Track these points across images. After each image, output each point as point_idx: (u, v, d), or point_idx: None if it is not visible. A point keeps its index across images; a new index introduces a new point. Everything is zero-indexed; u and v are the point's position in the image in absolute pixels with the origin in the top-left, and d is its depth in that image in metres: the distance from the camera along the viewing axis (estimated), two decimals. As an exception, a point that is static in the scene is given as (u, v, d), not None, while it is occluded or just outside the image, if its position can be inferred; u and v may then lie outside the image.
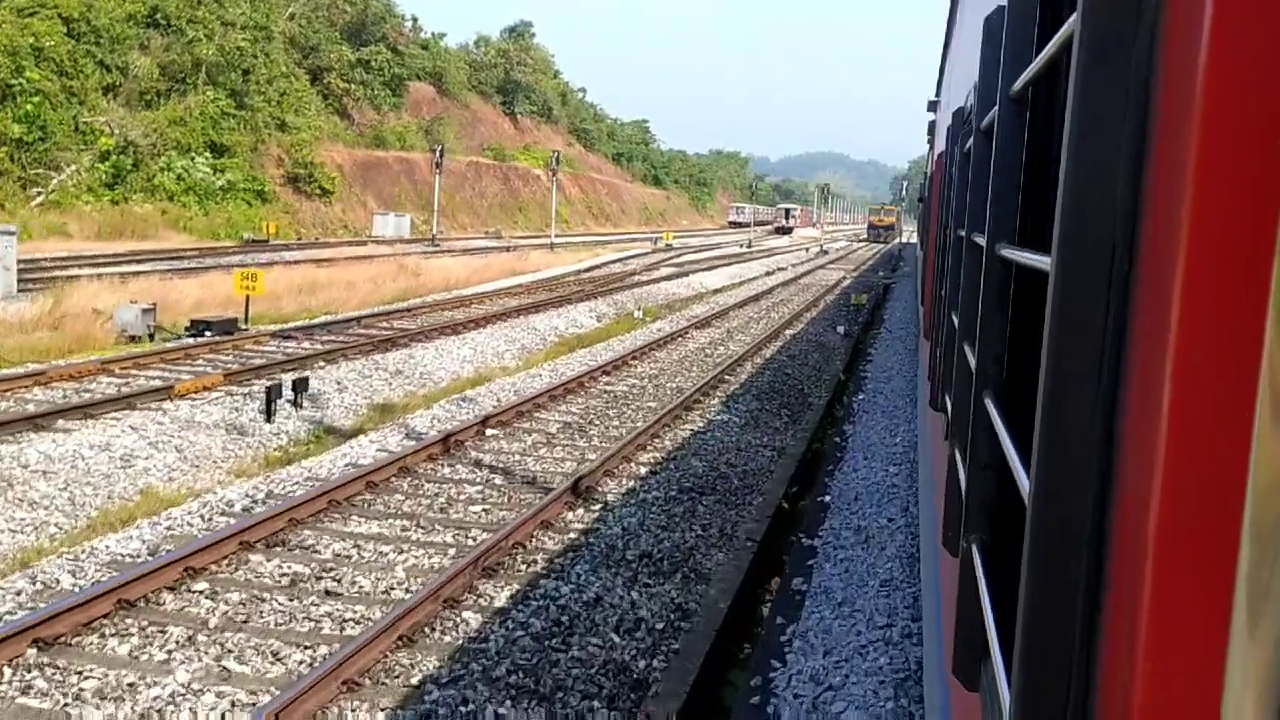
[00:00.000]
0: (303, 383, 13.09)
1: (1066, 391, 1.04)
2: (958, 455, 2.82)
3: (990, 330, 2.23)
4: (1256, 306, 0.63)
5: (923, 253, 18.04)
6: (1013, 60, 2.04)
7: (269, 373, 14.48)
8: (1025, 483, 1.25)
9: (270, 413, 12.45)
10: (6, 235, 20.23)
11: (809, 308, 29.74)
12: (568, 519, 9.18)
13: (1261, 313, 0.58)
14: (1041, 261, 1.32)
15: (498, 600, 7.30)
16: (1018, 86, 1.96)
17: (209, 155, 46.42)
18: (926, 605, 5.25)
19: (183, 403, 12.42)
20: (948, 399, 3.56)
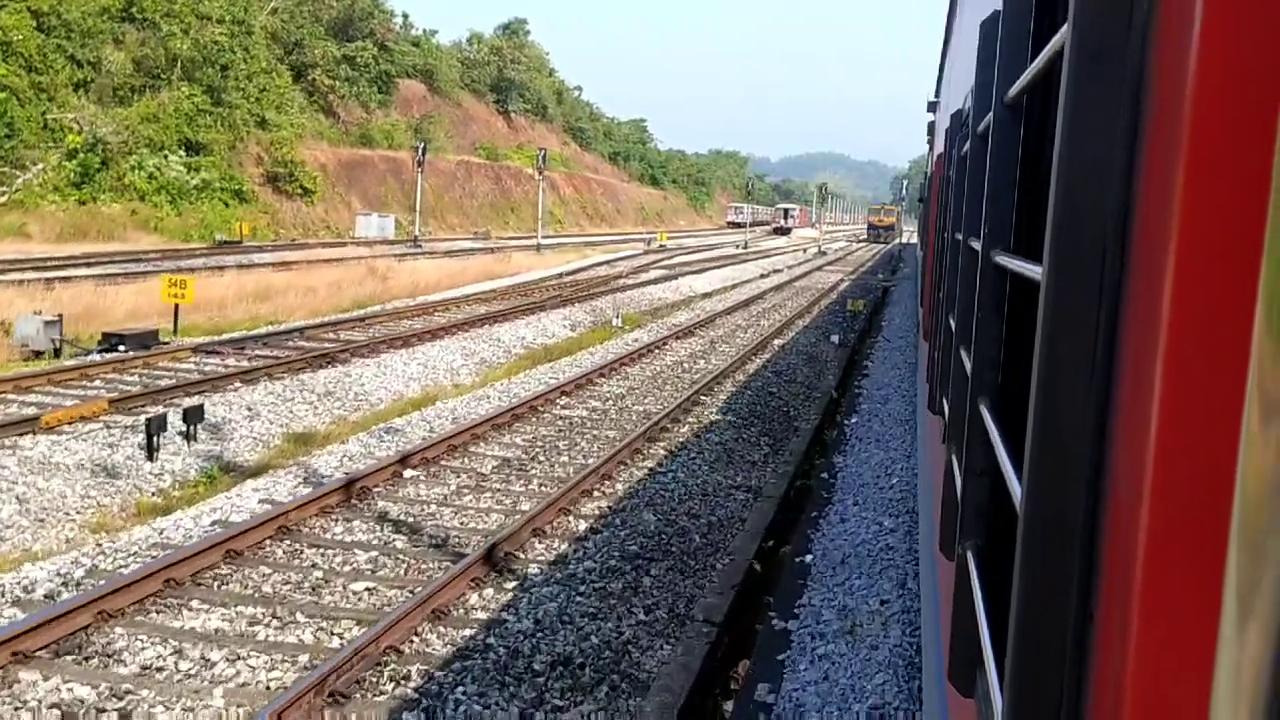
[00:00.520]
0: (196, 412, 11.07)
1: (1058, 398, 1.05)
2: (954, 459, 2.79)
3: (985, 336, 2.22)
4: (1245, 313, 0.62)
5: (922, 253, 17.75)
6: (1008, 67, 2.05)
7: (170, 397, 12.48)
8: (1018, 490, 1.28)
9: (153, 449, 10.45)
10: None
11: (802, 314, 27.71)
12: (470, 605, 7.15)
13: (1250, 319, 0.57)
14: (1033, 270, 1.36)
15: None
16: (1012, 93, 1.96)
17: (183, 153, 44.40)
18: (925, 610, 5.05)
19: (46, 438, 10.42)
20: (945, 403, 3.57)
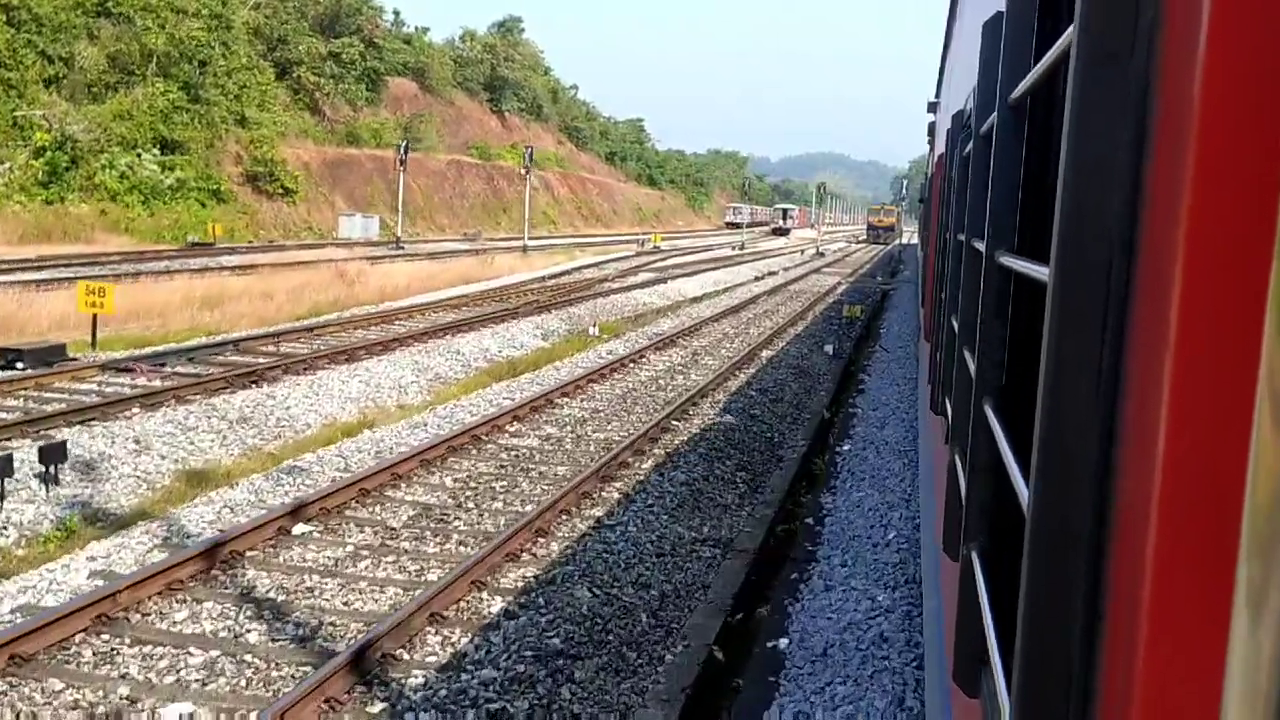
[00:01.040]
0: (55, 451, 9.18)
1: (1065, 399, 1.04)
2: (957, 460, 2.78)
3: (990, 336, 2.21)
4: (1254, 314, 0.62)
5: (923, 254, 17.43)
6: (1011, 67, 2.03)
7: (44, 427, 10.60)
8: (1024, 489, 1.25)
9: (-3, 496, 8.58)
10: None
11: (795, 320, 25.79)
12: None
13: (1259, 320, 0.57)
14: (1040, 271, 1.33)
15: None
16: (1016, 94, 1.94)
17: (157, 152, 42.52)
18: (927, 610, 4.81)
19: None
20: (948, 403, 3.55)
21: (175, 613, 6.67)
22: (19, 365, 13.46)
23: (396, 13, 72.88)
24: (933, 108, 14.81)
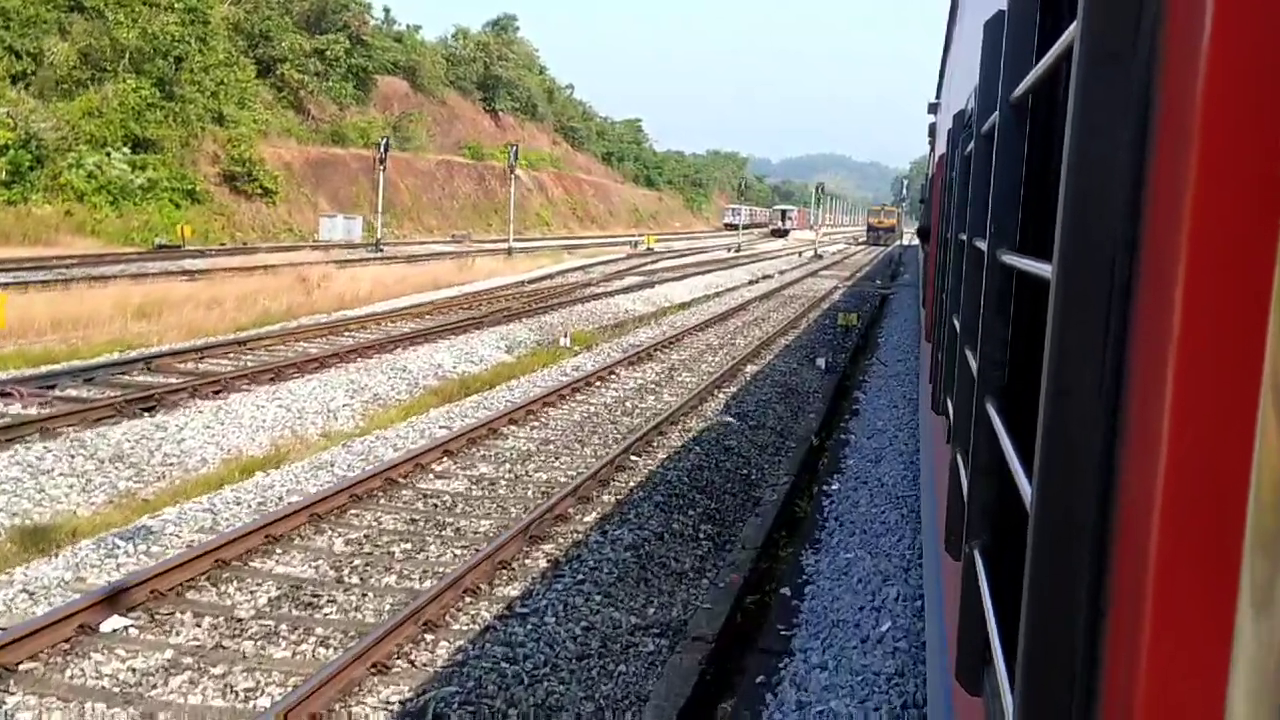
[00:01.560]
0: None
1: (1068, 398, 1.02)
2: (959, 459, 2.76)
3: (991, 335, 2.18)
4: (1258, 313, 0.62)
5: (924, 254, 17.11)
6: (1013, 66, 2.01)
7: None
8: (1027, 488, 1.24)
9: None
10: None
11: (787, 328, 23.80)
12: None
13: (1263, 319, 0.57)
14: (1042, 269, 1.31)
15: None
16: (1018, 93, 1.92)
17: (127, 151, 40.54)
18: (929, 609, 4.68)
19: None
20: (949, 402, 3.56)
21: None
22: (-125, 390, 11.50)
23: (387, 10, 71.04)
24: (933, 108, 14.50)
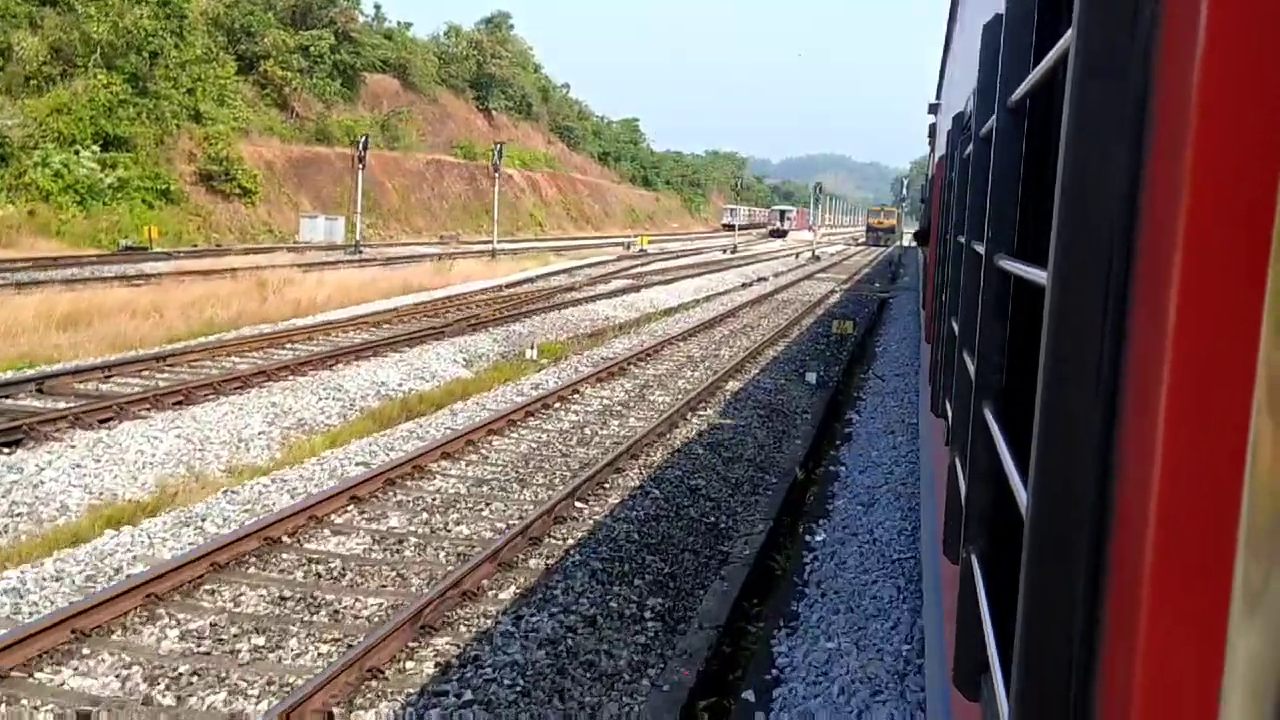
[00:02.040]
0: None
1: (1064, 404, 1.02)
2: (958, 462, 2.73)
3: (989, 339, 2.17)
4: (1252, 318, 0.62)
5: (924, 256, 16.47)
6: (1011, 70, 2.00)
7: None
8: (1023, 493, 1.23)
9: None
10: None
11: (777, 337, 21.93)
12: None
13: (1256, 325, 0.57)
14: (1038, 275, 1.31)
15: None
16: (1016, 96, 1.91)
17: (97, 149, 38.71)
18: (928, 613, 4.71)
19: None
20: (948, 405, 3.53)
21: None
22: None
23: (377, 6, 69.11)
24: (934, 109, 14.23)
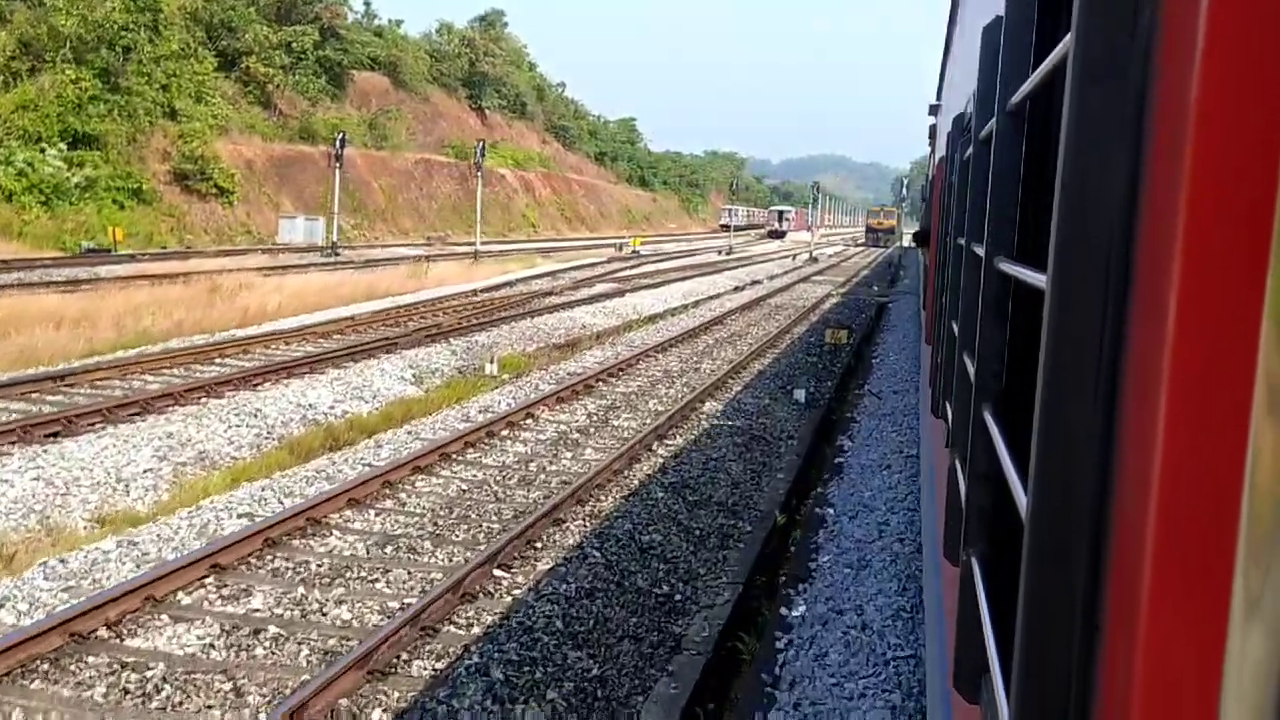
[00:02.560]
0: None
1: (1064, 408, 1.02)
2: (958, 465, 2.72)
3: (988, 342, 2.15)
4: (1251, 321, 0.62)
5: (924, 257, 16.43)
6: (1010, 73, 1.99)
7: None
8: (1022, 495, 1.22)
9: None
10: None
11: (766, 348, 20.09)
12: None
13: (1256, 327, 0.57)
14: (1037, 278, 1.30)
15: None
16: (1015, 100, 1.90)
17: (64, 147, 36.91)
18: (929, 615, 4.64)
19: None
20: (948, 407, 3.53)
21: None
22: None
23: (367, 3, 67.31)
24: (934, 110, 14.08)
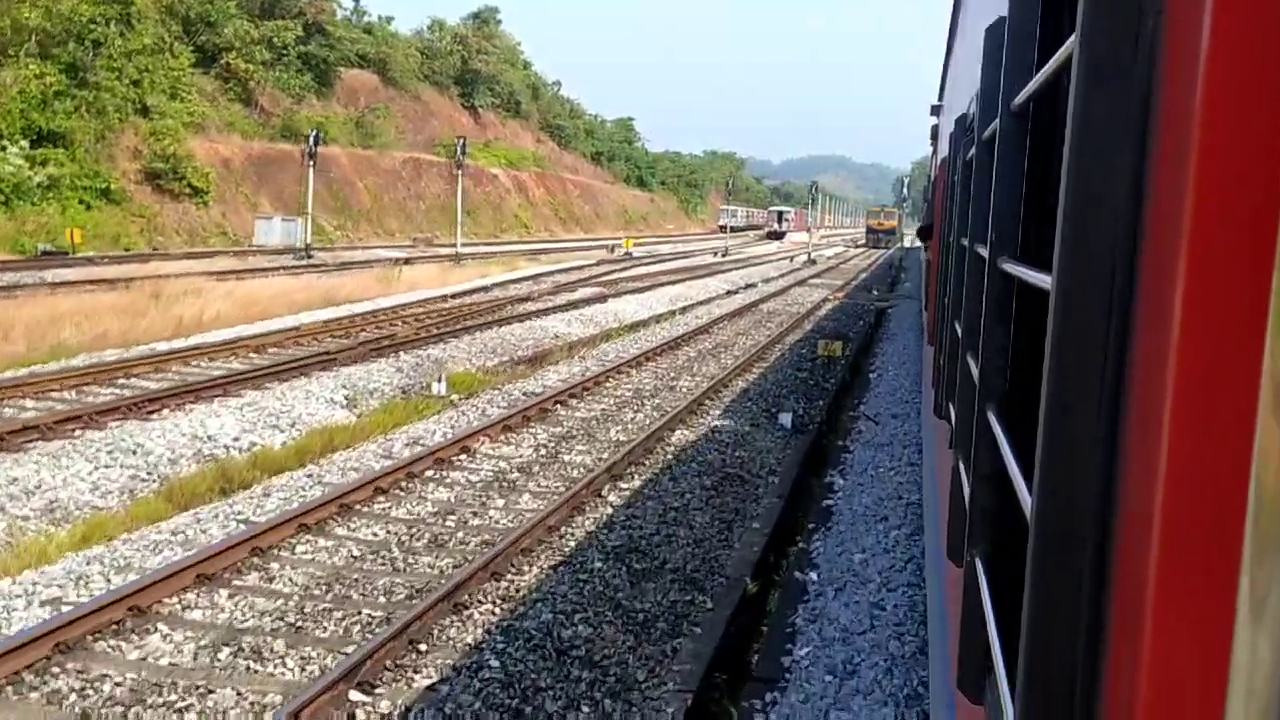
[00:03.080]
0: None
1: (1068, 408, 1.00)
2: (961, 466, 2.72)
3: (992, 342, 2.14)
4: (1257, 322, 0.62)
5: (926, 256, 16.51)
6: (1014, 74, 1.96)
7: None
8: (1027, 497, 1.22)
9: None
10: None
11: (753, 360, 18.11)
12: None
13: (1261, 328, 0.56)
14: (1042, 279, 1.29)
15: None
16: (1019, 101, 1.89)
17: (26, 144, 35.01)
18: (932, 616, 4.65)
19: None
20: (951, 407, 3.50)
21: None
22: None
23: (356, 0, 65.32)
24: (936, 110, 13.97)
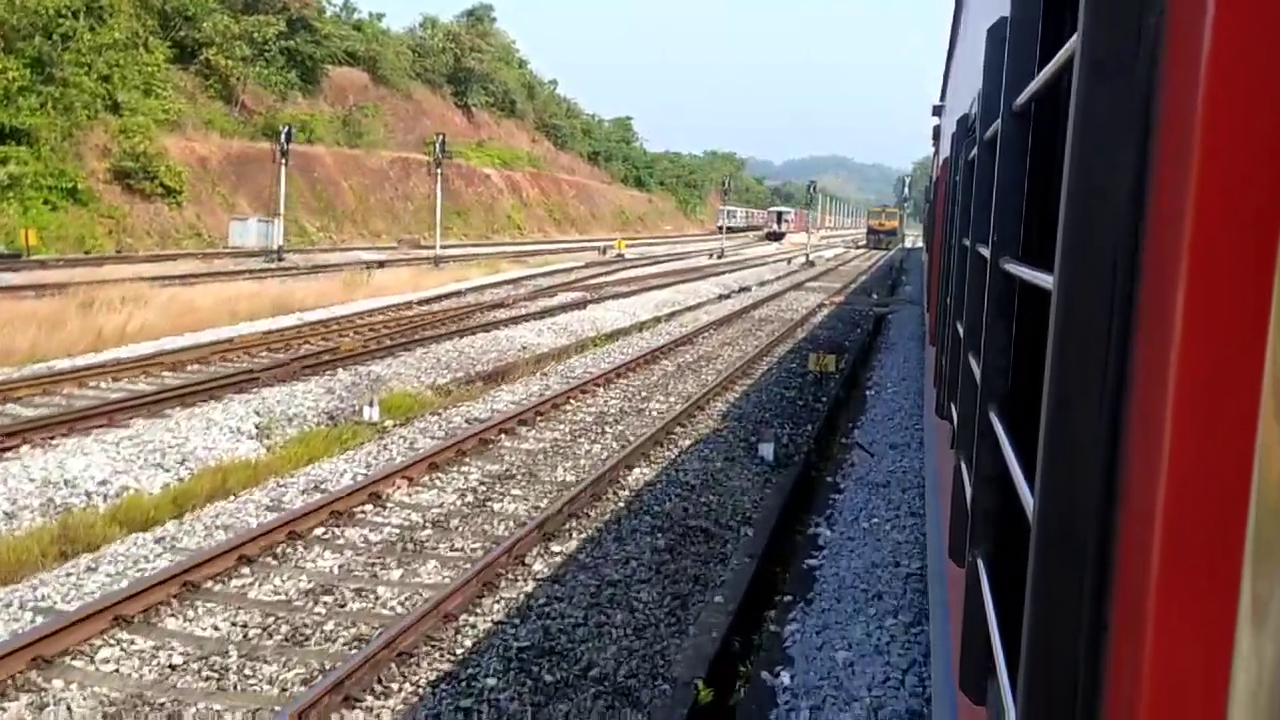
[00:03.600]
0: None
1: (1070, 409, 1.00)
2: (963, 466, 2.70)
3: (994, 342, 2.12)
4: (1259, 322, 0.61)
5: (928, 257, 16.29)
6: (1015, 74, 1.95)
7: None
8: (1029, 498, 1.22)
9: None
10: None
11: (737, 375, 16.17)
12: None
13: (1264, 328, 0.56)
14: (1044, 279, 1.29)
15: None
16: (1020, 100, 1.88)
17: (-14, 143, 33.23)
18: (934, 616, 4.67)
19: None
20: (953, 407, 3.47)
21: None
22: None
23: (346, -3, 63.38)
24: (937, 111, 14.07)
